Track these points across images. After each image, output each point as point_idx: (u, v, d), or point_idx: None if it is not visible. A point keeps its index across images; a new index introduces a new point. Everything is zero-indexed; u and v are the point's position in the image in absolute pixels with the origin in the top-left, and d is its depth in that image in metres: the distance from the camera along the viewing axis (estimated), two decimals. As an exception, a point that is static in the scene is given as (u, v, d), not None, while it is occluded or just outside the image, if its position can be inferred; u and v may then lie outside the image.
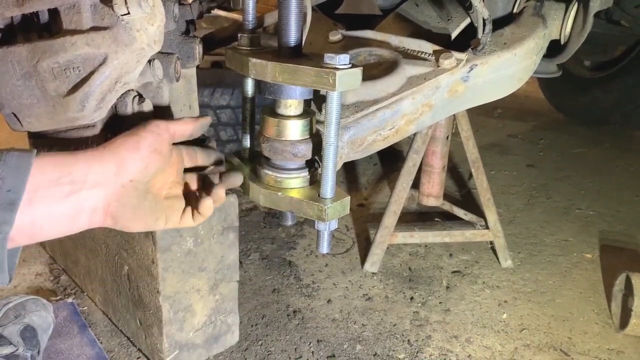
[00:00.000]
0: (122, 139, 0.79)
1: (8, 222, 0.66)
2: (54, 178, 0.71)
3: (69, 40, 0.85)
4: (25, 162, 0.67)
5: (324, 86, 0.89)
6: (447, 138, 1.83)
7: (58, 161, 0.72)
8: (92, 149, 0.77)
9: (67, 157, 0.74)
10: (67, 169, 0.72)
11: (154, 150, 0.80)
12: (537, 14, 1.33)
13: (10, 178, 0.65)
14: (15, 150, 0.68)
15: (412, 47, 1.27)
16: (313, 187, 1.02)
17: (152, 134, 0.81)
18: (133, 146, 0.78)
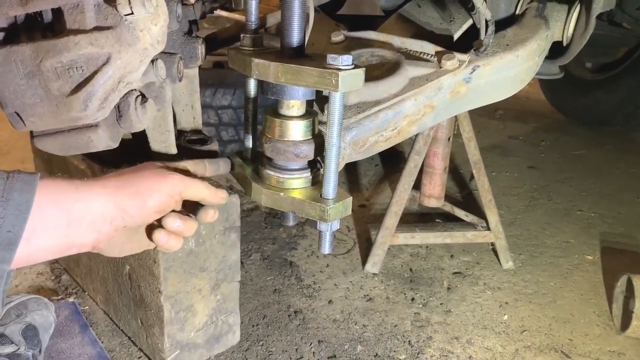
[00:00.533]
0: (130, 190, 0.78)
1: (7, 260, 0.67)
2: (52, 217, 0.71)
3: (73, 40, 0.86)
4: (27, 200, 0.68)
5: (327, 87, 0.89)
6: (448, 139, 1.83)
7: (59, 198, 0.73)
8: (98, 183, 0.77)
9: (68, 191, 0.74)
10: (66, 207, 0.73)
11: (159, 211, 0.81)
12: (539, 16, 1.33)
13: (11, 217, 0.66)
14: (18, 181, 0.68)
15: (415, 48, 1.27)
16: (315, 187, 1.03)
17: (162, 196, 0.80)
18: (139, 203, 0.78)
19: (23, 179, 0.69)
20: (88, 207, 0.74)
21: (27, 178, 0.69)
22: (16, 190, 0.67)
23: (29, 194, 0.68)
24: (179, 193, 0.82)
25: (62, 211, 0.72)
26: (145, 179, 0.80)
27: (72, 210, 0.73)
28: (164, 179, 0.81)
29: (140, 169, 0.82)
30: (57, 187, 0.73)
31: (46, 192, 0.71)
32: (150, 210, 0.79)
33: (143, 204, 0.78)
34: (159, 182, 0.80)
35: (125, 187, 0.78)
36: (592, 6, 1.26)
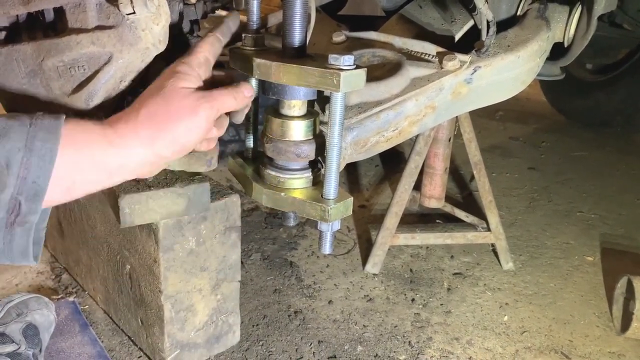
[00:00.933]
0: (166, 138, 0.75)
1: (33, 211, 0.66)
2: (90, 171, 0.70)
3: (74, 39, 0.86)
4: (50, 149, 0.66)
5: (328, 87, 0.89)
6: (449, 140, 1.83)
7: (94, 152, 0.70)
8: (130, 133, 0.74)
9: (101, 145, 0.71)
10: (103, 162, 0.71)
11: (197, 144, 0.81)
12: (540, 17, 1.33)
13: (35, 168, 0.65)
14: (41, 129, 0.66)
15: (416, 48, 1.27)
16: (316, 187, 1.03)
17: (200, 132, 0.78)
18: (179, 148, 0.77)
19: (46, 126, 0.67)
20: (127, 161, 0.73)
21: (49, 124, 0.67)
22: (39, 140, 0.65)
23: (53, 143, 0.66)
24: (212, 121, 0.81)
25: (100, 165, 0.71)
26: (179, 120, 0.76)
27: (109, 164, 0.72)
28: (197, 114, 0.77)
29: (167, 97, 0.77)
30: (87, 136, 0.71)
31: (78, 142, 0.69)
32: (190, 149, 0.79)
33: (183, 149, 0.78)
34: (192, 120, 0.77)
35: (160, 136, 0.75)
36: (593, 7, 1.26)
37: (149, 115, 0.75)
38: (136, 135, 0.74)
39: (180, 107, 0.76)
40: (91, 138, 0.71)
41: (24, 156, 0.64)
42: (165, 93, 0.77)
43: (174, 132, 0.75)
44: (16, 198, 0.64)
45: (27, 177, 0.64)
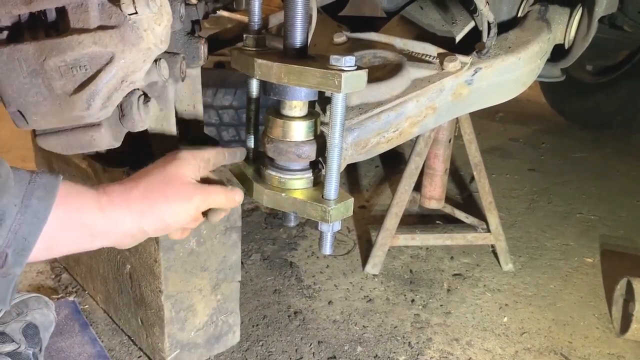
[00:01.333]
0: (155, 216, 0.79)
1: (19, 264, 0.68)
2: (75, 234, 0.73)
3: (76, 39, 0.86)
4: (45, 209, 0.68)
5: (330, 88, 0.89)
6: (449, 141, 1.83)
7: (83, 216, 0.74)
8: (123, 206, 0.78)
9: (93, 210, 0.75)
10: (90, 227, 0.74)
11: (181, 229, 0.86)
12: (541, 18, 1.34)
13: (27, 225, 0.67)
14: (39, 187, 0.69)
15: (417, 49, 1.28)
16: (316, 188, 1.03)
17: (186, 217, 0.83)
18: (164, 228, 0.81)
19: (44, 185, 0.69)
20: (113, 229, 0.77)
21: (48, 183, 0.70)
22: (36, 198, 0.68)
23: (47, 202, 0.69)
24: (200, 211, 0.85)
25: (86, 229, 0.74)
26: (172, 202, 0.81)
27: (96, 229, 0.75)
28: (190, 202, 0.82)
29: (168, 179, 0.82)
30: (81, 199, 0.75)
31: (70, 203, 0.72)
32: (171, 231, 0.83)
33: (166, 229, 0.82)
34: (184, 206, 0.82)
35: (150, 212, 0.79)
36: (594, 9, 1.26)
37: (146, 192, 0.80)
38: (128, 207, 0.78)
39: (177, 191, 0.82)
40: (84, 201, 0.75)
41: (18, 212, 0.67)
42: (166, 175, 0.82)
43: (164, 213, 0.80)
44: (4, 250, 0.66)
45: (19, 232, 0.67)
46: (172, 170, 0.83)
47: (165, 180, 0.82)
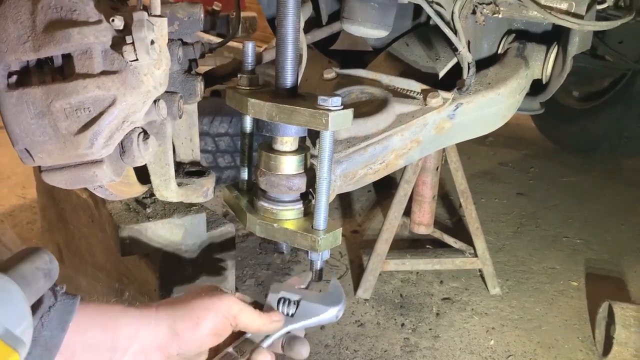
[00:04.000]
0: (187, 307, 0.75)
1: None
2: (95, 341, 0.68)
3: (81, 84, 0.92)
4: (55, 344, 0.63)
5: (318, 126, 0.95)
6: (437, 169, 1.90)
7: (105, 320, 0.69)
8: (153, 307, 0.74)
9: (117, 317, 0.70)
10: (113, 331, 0.69)
11: (214, 334, 0.76)
12: (520, 55, 1.41)
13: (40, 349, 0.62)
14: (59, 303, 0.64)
15: (402, 86, 1.35)
16: (307, 218, 1.08)
17: (217, 317, 0.76)
18: (195, 323, 0.74)
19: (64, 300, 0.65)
20: (137, 330, 0.71)
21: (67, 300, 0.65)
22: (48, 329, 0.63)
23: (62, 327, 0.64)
24: (234, 316, 0.78)
25: (108, 334, 0.69)
26: (200, 299, 0.76)
27: (118, 335, 0.69)
28: (219, 299, 0.77)
29: (196, 291, 0.79)
30: (102, 308, 0.71)
31: (90, 313, 0.69)
32: (204, 332, 0.75)
33: (197, 326, 0.74)
34: (213, 302, 0.77)
35: (178, 309, 0.74)
36: (567, 48, 1.33)
37: (172, 299, 0.79)
38: (155, 309, 0.74)
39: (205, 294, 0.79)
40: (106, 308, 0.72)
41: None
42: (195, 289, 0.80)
43: (192, 306, 0.77)
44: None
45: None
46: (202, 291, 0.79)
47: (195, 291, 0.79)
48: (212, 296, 0.78)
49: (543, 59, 1.41)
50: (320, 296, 0.95)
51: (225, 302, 0.78)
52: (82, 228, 1.53)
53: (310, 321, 0.91)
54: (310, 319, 0.91)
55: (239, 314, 0.78)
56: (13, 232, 2.23)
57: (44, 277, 0.60)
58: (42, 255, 0.61)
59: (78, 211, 1.52)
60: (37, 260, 0.60)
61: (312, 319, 0.91)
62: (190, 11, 1.20)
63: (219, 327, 0.77)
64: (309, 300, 0.94)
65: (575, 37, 1.32)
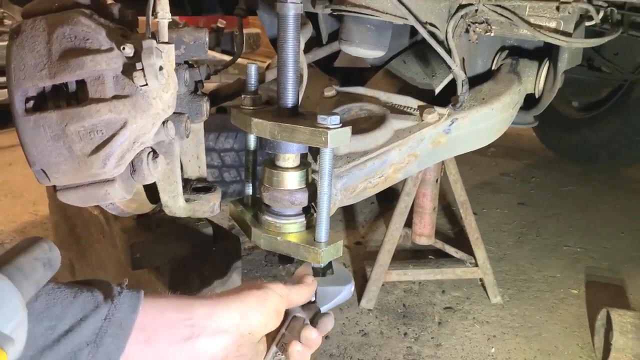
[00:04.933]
0: (249, 292, 0.81)
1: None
2: (174, 320, 0.72)
3: (94, 108, 0.98)
4: (118, 346, 0.66)
5: (318, 144, 1.01)
6: (436, 181, 1.94)
7: (181, 302, 0.75)
8: (216, 295, 0.80)
9: (190, 300, 0.76)
10: (189, 311, 0.74)
11: (276, 311, 0.83)
12: (512, 71, 1.46)
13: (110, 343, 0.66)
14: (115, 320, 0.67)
15: (399, 102, 1.40)
16: (309, 231, 1.13)
17: (277, 296, 0.83)
18: (260, 300, 0.80)
19: (119, 322, 0.67)
20: (212, 312, 0.75)
21: (124, 318, 0.68)
22: (109, 335, 0.67)
23: (122, 339, 0.67)
24: (286, 295, 0.86)
25: (185, 315, 0.73)
26: (256, 285, 0.83)
27: (195, 314, 0.74)
28: (271, 284, 0.84)
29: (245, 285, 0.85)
30: (176, 295, 0.75)
31: (166, 297, 0.73)
32: (270, 310, 0.81)
33: (263, 305, 0.80)
34: (269, 285, 0.83)
35: (244, 293, 0.80)
36: (557, 65, 1.38)
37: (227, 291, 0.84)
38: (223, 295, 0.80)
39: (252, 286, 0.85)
40: (181, 298, 0.76)
41: (90, 352, 0.65)
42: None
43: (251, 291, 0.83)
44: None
45: (98, 350, 0.65)
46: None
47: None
48: (264, 283, 0.85)
49: (535, 74, 1.46)
50: (330, 279, 1.04)
51: (277, 285, 0.85)
52: (93, 243, 1.58)
53: (331, 303, 0.99)
54: (331, 301, 0.99)
55: (289, 292, 0.87)
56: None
57: (42, 267, 0.60)
58: (41, 244, 0.61)
59: (89, 227, 1.57)
60: (36, 249, 0.61)
61: (333, 300, 0.99)
62: (195, 35, 1.26)
63: (279, 305, 0.83)
64: (323, 285, 1.01)
65: (565, 54, 1.37)
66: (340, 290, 1.01)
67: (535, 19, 1.31)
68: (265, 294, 0.82)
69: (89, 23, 1.01)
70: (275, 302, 0.83)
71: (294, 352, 0.85)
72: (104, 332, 0.66)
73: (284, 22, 1.05)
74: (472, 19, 1.35)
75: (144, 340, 0.70)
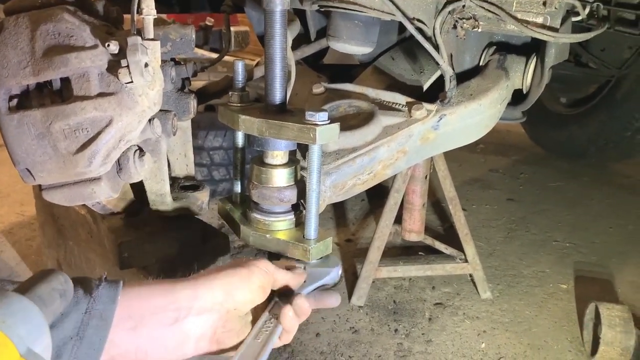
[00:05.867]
0: (234, 269, 0.83)
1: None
2: (160, 305, 0.74)
3: (79, 106, 0.97)
4: (101, 338, 0.68)
5: (306, 140, 1.00)
6: (425, 177, 1.95)
7: (164, 287, 0.77)
8: (200, 275, 0.82)
9: (173, 284, 0.78)
10: (173, 295, 0.76)
11: (260, 286, 0.85)
12: (500, 67, 1.46)
13: (83, 356, 0.67)
14: (96, 313, 0.68)
15: (387, 98, 1.40)
16: (298, 228, 1.13)
17: (262, 272, 0.85)
18: (245, 277, 0.82)
19: (100, 313, 0.69)
20: (195, 292, 0.77)
21: (104, 310, 0.69)
22: (92, 327, 0.68)
23: (104, 329, 0.69)
24: (272, 272, 0.88)
25: (170, 299, 0.75)
26: (242, 262, 0.85)
27: (179, 296, 0.76)
28: (258, 260, 0.87)
29: (233, 262, 0.87)
30: (159, 281, 0.78)
31: (149, 284, 0.75)
32: (255, 286, 0.83)
33: (248, 280, 0.82)
34: (255, 262, 0.86)
35: (228, 270, 0.82)
36: (545, 60, 1.39)
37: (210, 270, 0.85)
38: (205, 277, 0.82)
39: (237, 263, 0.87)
40: (164, 282, 0.78)
41: (74, 345, 0.66)
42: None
43: (237, 269, 0.85)
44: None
45: (81, 343, 0.67)
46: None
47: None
48: (250, 259, 0.87)
49: (523, 70, 1.47)
50: (319, 262, 1.08)
51: (262, 261, 0.88)
52: (81, 243, 1.57)
53: (320, 282, 1.04)
54: (320, 281, 1.04)
55: (275, 271, 0.89)
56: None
57: (59, 297, 0.63)
58: (58, 276, 0.65)
59: (77, 227, 1.56)
60: (54, 281, 0.64)
61: (321, 279, 1.05)
62: (182, 32, 1.26)
63: (264, 281, 0.85)
64: (312, 266, 1.06)
65: (552, 49, 1.37)
66: (328, 272, 1.06)
67: (522, 15, 1.31)
68: (249, 271, 0.84)
69: (73, 20, 1.00)
70: (260, 277, 0.85)
71: (286, 317, 0.86)
72: (85, 324, 0.68)
73: (271, 18, 1.04)
74: (459, 15, 1.35)
75: (132, 328, 0.71)
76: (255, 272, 0.85)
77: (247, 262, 0.86)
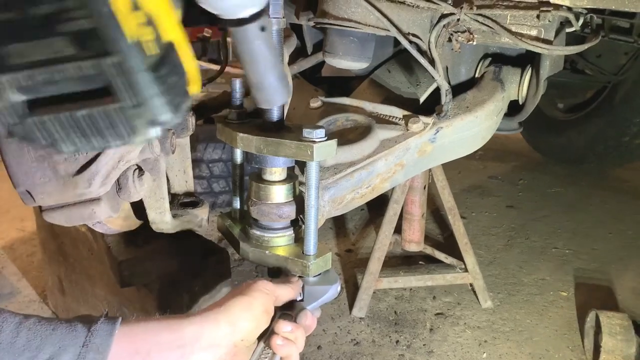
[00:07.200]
0: (235, 299, 0.83)
1: None
2: (166, 340, 0.74)
3: (78, 128, 0.98)
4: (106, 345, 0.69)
5: (304, 157, 1.01)
6: (424, 188, 1.95)
7: (171, 323, 0.77)
8: (205, 311, 0.81)
9: (180, 319, 0.78)
10: (180, 331, 0.76)
11: (264, 311, 0.84)
12: (496, 79, 1.48)
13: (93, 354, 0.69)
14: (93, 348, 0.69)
15: (384, 112, 1.41)
16: (298, 244, 1.13)
17: (262, 294, 0.85)
18: (246, 306, 0.82)
19: (97, 347, 0.70)
20: (202, 327, 0.77)
21: (101, 344, 0.70)
22: (98, 337, 0.70)
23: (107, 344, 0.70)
24: (273, 291, 0.88)
25: (176, 335, 0.75)
26: (242, 289, 0.85)
27: (185, 332, 0.76)
28: (256, 282, 0.87)
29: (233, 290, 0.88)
30: (166, 316, 0.78)
31: (157, 319, 0.76)
32: (258, 311, 0.83)
33: (250, 307, 0.82)
34: (254, 285, 0.86)
35: (230, 301, 0.82)
36: (540, 72, 1.40)
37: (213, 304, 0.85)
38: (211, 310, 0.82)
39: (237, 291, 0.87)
40: (171, 318, 0.78)
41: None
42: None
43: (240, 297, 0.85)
44: None
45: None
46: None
47: None
48: (249, 284, 0.87)
49: (518, 81, 1.48)
50: (317, 279, 1.07)
51: (261, 283, 0.88)
52: (82, 260, 1.58)
53: (319, 301, 1.03)
54: (318, 300, 1.03)
55: (274, 289, 0.89)
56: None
57: None
58: None
59: (77, 244, 1.56)
60: None
61: (320, 299, 1.03)
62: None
63: (267, 304, 0.86)
64: (310, 284, 1.05)
65: (546, 61, 1.38)
66: (327, 290, 1.04)
67: (517, 27, 1.32)
68: (250, 297, 0.84)
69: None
70: (262, 302, 0.85)
71: (275, 346, 0.86)
72: (82, 358, 0.68)
73: (267, 37, 1.05)
74: (454, 28, 1.36)
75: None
76: (257, 297, 0.84)
77: (247, 288, 0.86)
